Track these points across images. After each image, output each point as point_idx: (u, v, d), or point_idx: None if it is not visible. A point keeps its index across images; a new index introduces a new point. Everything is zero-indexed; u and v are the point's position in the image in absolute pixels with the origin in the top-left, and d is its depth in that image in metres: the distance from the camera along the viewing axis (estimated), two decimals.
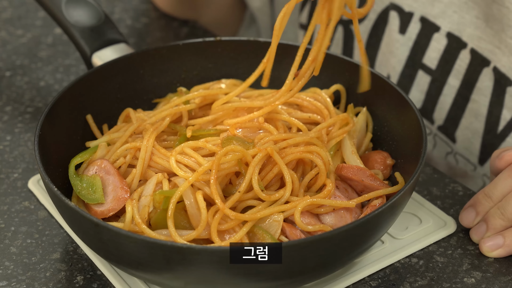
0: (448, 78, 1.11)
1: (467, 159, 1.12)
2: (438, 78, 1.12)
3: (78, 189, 0.87)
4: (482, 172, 1.11)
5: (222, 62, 1.04)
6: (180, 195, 0.82)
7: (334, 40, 1.23)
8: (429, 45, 1.12)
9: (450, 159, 1.14)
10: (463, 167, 1.13)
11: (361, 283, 0.87)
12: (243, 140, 0.87)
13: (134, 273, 0.82)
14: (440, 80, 1.12)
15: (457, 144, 1.12)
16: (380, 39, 1.18)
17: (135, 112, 0.96)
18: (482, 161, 1.10)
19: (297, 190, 0.86)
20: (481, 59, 1.07)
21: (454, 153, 1.13)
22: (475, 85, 1.08)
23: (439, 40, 1.11)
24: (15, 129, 1.11)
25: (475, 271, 0.89)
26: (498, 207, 0.90)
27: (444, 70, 1.11)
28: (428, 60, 1.13)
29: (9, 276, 0.88)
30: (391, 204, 0.80)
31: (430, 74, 1.12)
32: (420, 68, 1.13)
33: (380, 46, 1.18)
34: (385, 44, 1.17)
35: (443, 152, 1.15)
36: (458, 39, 1.09)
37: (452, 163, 1.14)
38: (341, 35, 1.23)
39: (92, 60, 1.03)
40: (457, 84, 1.10)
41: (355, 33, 0.86)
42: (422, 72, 1.13)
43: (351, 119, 0.94)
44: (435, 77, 1.12)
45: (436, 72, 1.12)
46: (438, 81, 1.12)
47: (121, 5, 1.43)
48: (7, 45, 1.31)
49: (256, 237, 0.82)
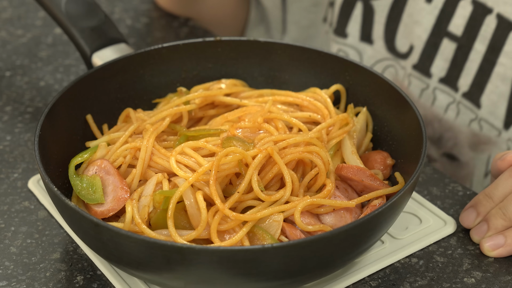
0: (474, 43, 1.12)
1: (491, 124, 1.13)
2: (463, 45, 1.14)
3: (78, 189, 0.87)
4: (507, 136, 1.12)
5: (222, 62, 1.04)
6: (180, 195, 0.82)
7: (352, 17, 1.24)
8: (455, 13, 1.13)
9: (474, 126, 1.15)
10: (487, 133, 1.14)
11: (361, 283, 0.87)
12: (243, 140, 0.87)
13: (134, 273, 0.82)
14: (466, 46, 1.14)
15: (482, 109, 1.13)
16: (402, 11, 1.19)
17: (135, 112, 0.96)
18: (507, 125, 1.12)
19: (297, 190, 0.86)
20: (507, 23, 1.08)
21: (479, 119, 1.14)
22: (502, 48, 1.10)
23: (465, 7, 1.13)
24: (15, 129, 1.11)
25: (475, 271, 0.89)
26: (500, 208, 0.90)
27: (470, 36, 1.13)
28: (453, 28, 1.14)
29: (9, 276, 0.88)
30: (391, 204, 0.80)
31: (456, 41, 1.14)
32: (445, 36, 1.15)
33: (402, 18, 1.20)
34: (407, 15, 1.19)
35: (466, 119, 1.16)
36: (483, 5, 1.11)
37: (476, 130, 1.15)
38: (360, 11, 1.24)
39: (92, 60, 1.03)
40: (483, 49, 1.12)
41: None
42: (447, 40, 1.15)
43: (351, 119, 0.94)
44: (460, 43, 1.14)
45: (462, 39, 1.13)
46: (464, 47, 1.14)
47: (121, 5, 1.43)
48: (7, 45, 1.31)
49: (256, 237, 0.82)
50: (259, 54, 1.04)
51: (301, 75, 1.03)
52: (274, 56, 1.03)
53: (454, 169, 1.20)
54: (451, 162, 1.20)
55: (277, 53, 1.03)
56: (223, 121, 0.94)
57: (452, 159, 1.20)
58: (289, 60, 1.03)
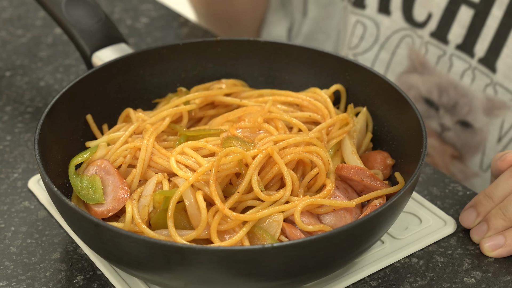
0: (492, 9, 1.14)
1: (506, 88, 1.15)
2: (481, 11, 1.15)
3: (78, 189, 0.87)
4: None
5: (222, 62, 1.04)
6: (180, 195, 0.82)
7: None
8: None
9: (489, 91, 1.17)
10: (502, 98, 1.16)
11: (361, 283, 0.87)
12: (243, 140, 0.87)
13: (134, 273, 0.82)
14: (483, 12, 1.15)
15: (497, 74, 1.15)
16: None
17: (135, 112, 0.96)
18: None
19: (297, 190, 0.86)
20: None
21: (494, 84, 1.16)
22: None
23: None
24: (15, 129, 1.11)
25: (475, 271, 0.89)
26: (500, 208, 0.90)
27: (487, 2, 1.14)
28: None
29: (9, 276, 0.88)
30: (391, 204, 0.80)
31: (473, 8, 1.15)
32: (463, 3, 1.16)
33: None
34: None
35: (482, 85, 1.18)
36: None
37: (491, 94, 1.17)
38: None
39: (92, 60, 1.03)
40: (500, 14, 1.13)
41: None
42: (465, 7, 1.16)
43: (351, 119, 0.94)
44: (478, 10, 1.15)
45: (480, 5, 1.15)
46: (481, 13, 1.15)
47: (121, 5, 1.43)
48: (7, 45, 1.31)
49: (256, 237, 0.82)
50: (259, 54, 1.04)
51: (301, 75, 1.03)
52: (274, 56, 1.03)
53: (468, 137, 1.22)
54: (465, 130, 1.22)
55: (277, 53, 1.03)
56: (223, 121, 0.94)
57: (466, 126, 1.21)
58: (289, 60, 1.03)
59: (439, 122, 1.22)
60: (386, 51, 1.26)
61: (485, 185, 1.20)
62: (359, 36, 1.28)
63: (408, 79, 1.25)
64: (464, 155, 1.22)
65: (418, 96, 1.24)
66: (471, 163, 1.22)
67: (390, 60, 1.25)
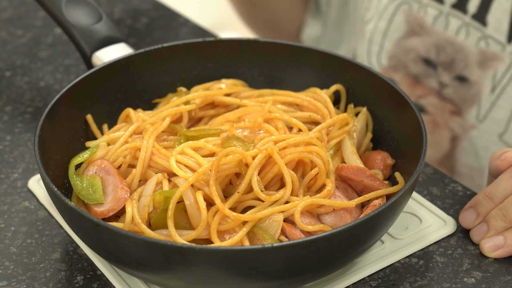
0: None
1: (496, 40, 1.18)
2: None
3: (78, 189, 0.87)
4: (510, 49, 1.17)
5: (222, 62, 1.04)
6: (180, 195, 0.82)
7: None
8: None
9: (482, 44, 1.20)
10: (493, 49, 1.19)
11: (361, 283, 0.87)
12: (243, 140, 0.87)
13: (134, 273, 0.82)
14: None
15: (488, 27, 1.18)
16: None
17: (135, 112, 0.96)
18: (510, 39, 1.17)
19: (297, 190, 0.86)
20: None
21: (486, 37, 1.19)
22: None
23: None
24: (15, 129, 1.11)
25: (475, 271, 0.89)
26: (500, 208, 0.90)
27: None
28: None
29: (9, 276, 0.88)
30: (391, 204, 0.80)
31: None
32: None
33: None
34: None
35: (474, 39, 1.21)
36: None
37: (483, 47, 1.20)
38: None
39: (92, 60, 1.03)
40: None
41: None
42: None
43: (351, 119, 0.94)
44: None
45: None
46: None
47: (121, 5, 1.43)
48: (7, 45, 1.31)
49: (256, 237, 0.82)
50: (259, 54, 1.04)
51: (301, 75, 1.03)
52: (274, 56, 1.03)
53: (464, 91, 1.25)
54: (462, 85, 1.25)
55: (277, 53, 1.03)
56: (223, 121, 0.94)
57: (463, 81, 1.25)
58: (289, 60, 1.03)
59: (438, 80, 1.25)
60: (384, 19, 1.28)
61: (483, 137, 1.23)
62: (368, 9, 1.31)
63: (406, 43, 1.29)
64: (462, 109, 1.24)
65: (417, 57, 1.27)
66: (468, 115, 1.25)
67: (388, 28, 1.27)
